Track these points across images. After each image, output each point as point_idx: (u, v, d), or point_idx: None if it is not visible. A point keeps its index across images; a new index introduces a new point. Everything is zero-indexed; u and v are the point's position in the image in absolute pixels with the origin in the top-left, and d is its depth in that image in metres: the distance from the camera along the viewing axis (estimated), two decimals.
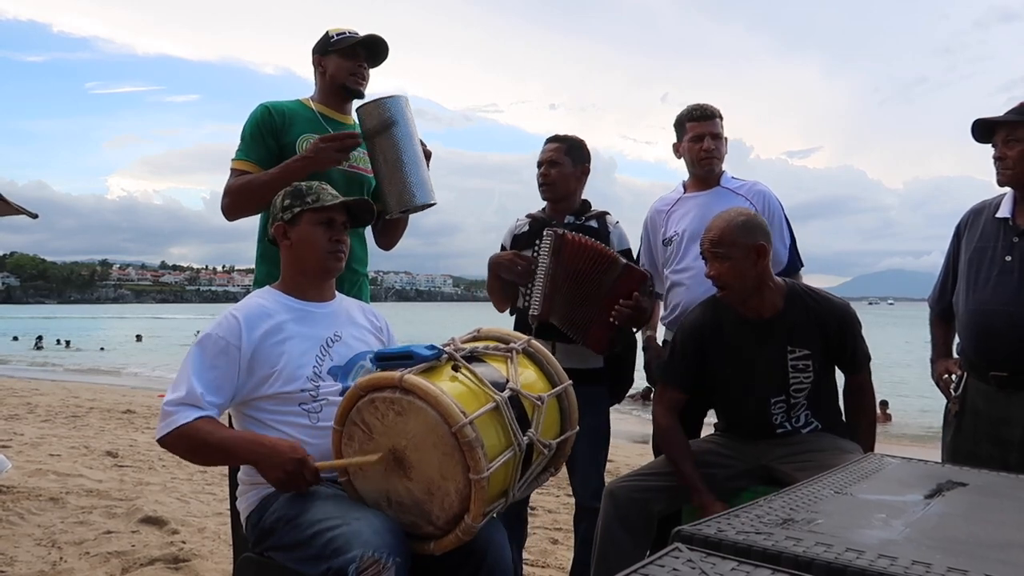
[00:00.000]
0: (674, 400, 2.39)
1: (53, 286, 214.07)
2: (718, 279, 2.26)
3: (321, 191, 2.01)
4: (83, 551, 3.35)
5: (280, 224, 2.00)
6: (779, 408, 2.32)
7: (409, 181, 2.37)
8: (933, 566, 0.86)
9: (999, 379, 2.35)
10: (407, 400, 1.59)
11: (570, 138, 2.82)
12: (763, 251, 2.24)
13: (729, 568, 0.86)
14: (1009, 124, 2.31)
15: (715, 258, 2.25)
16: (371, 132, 2.38)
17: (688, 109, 2.83)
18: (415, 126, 2.43)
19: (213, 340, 1.84)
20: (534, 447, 1.71)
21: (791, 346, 2.28)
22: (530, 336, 1.92)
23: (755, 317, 2.30)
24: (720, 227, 2.25)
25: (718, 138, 2.79)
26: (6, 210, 6.02)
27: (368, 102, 2.41)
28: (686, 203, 2.85)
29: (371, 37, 2.54)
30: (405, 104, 2.40)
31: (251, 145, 2.47)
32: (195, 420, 1.76)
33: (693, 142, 2.78)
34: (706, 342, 2.35)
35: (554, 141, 2.81)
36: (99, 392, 12.52)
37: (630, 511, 2.19)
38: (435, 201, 2.45)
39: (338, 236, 2.00)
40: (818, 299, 2.33)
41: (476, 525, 1.60)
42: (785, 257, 2.80)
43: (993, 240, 2.40)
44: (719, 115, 2.81)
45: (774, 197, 2.83)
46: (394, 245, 2.76)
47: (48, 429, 7.30)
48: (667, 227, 2.86)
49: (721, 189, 2.81)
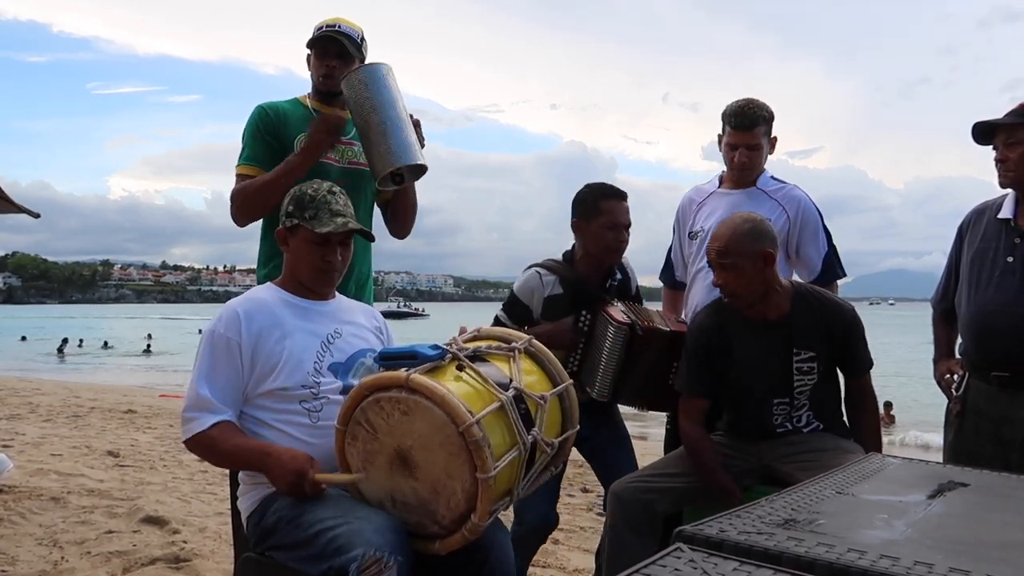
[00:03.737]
0: (700, 409, 2.36)
1: (55, 286, 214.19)
2: (725, 288, 2.25)
3: (320, 207, 1.97)
4: (84, 551, 3.35)
5: (282, 229, 2.02)
6: (781, 409, 2.32)
7: (391, 143, 2.28)
8: (935, 566, 0.86)
9: (1001, 379, 2.34)
10: (413, 400, 1.59)
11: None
12: (770, 258, 2.21)
13: (731, 568, 0.86)
14: (1009, 126, 2.31)
15: (722, 268, 2.23)
16: (351, 101, 2.32)
17: (733, 109, 2.66)
18: (398, 91, 2.34)
19: (218, 338, 1.87)
20: (538, 446, 1.71)
21: (797, 348, 2.28)
22: (531, 337, 1.93)
23: (761, 319, 2.29)
24: (726, 236, 2.22)
25: (756, 149, 2.65)
26: (8, 208, 6.03)
27: (347, 72, 2.36)
28: (717, 199, 2.77)
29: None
30: (386, 71, 2.33)
31: (253, 148, 2.47)
32: (210, 428, 1.82)
33: (728, 148, 2.69)
34: (712, 344, 2.34)
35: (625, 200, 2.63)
36: (100, 392, 12.53)
37: (636, 512, 2.20)
38: (422, 162, 2.34)
39: (330, 256, 1.98)
40: (825, 302, 2.32)
41: (483, 524, 1.60)
42: (818, 265, 2.71)
43: (995, 241, 2.39)
44: (764, 121, 2.65)
45: (810, 203, 2.72)
46: (407, 231, 2.71)
47: (49, 429, 7.31)
48: (695, 221, 2.80)
49: (755, 190, 2.71)
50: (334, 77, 2.47)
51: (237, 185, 2.46)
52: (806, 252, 2.71)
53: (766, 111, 2.66)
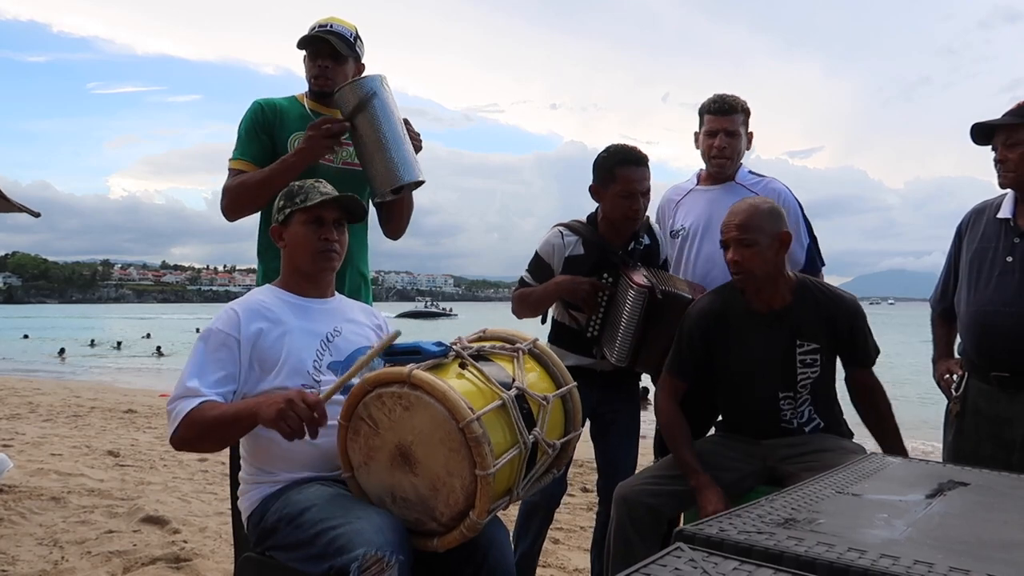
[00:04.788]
0: (676, 388, 2.38)
1: (55, 286, 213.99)
2: (741, 265, 2.20)
3: (311, 190, 1.99)
4: (85, 550, 3.35)
5: (276, 227, 2.02)
6: (787, 404, 2.31)
7: (392, 160, 2.29)
8: (935, 566, 0.86)
9: (1000, 379, 2.34)
10: (415, 395, 1.60)
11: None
12: (787, 240, 2.22)
13: (731, 568, 0.86)
14: (1009, 127, 2.30)
15: (740, 244, 2.19)
16: (349, 115, 2.32)
17: (709, 99, 2.71)
18: (394, 104, 2.35)
19: (214, 333, 1.86)
20: (539, 446, 1.71)
21: (800, 340, 2.27)
22: (535, 338, 1.93)
23: (764, 309, 2.28)
24: (747, 211, 2.21)
25: (734, 135, 2.67)
26: (7, 207, 6.03)
27: (343, 85, 2.36)
28: (696, 196, 2.78)
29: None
30: (381, 83, 2.33)
31: (246, 143, 2.48)
32: (191, 411, 1.74)
33: (707, 136, 2.70)
34: (711, 331, 2.32)
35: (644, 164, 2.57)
36: (100, 391, 12.52)
37: (641, 515, 2.19)
38: (422, 178, 2.36)
39: (327, 235, 1.98)
40: (828, 293, 2.32)
41: (481, 522, 1.60)
42: (802, 258, 2.71)
43: (994, 241, 2.40)
44: (741, 109, 2.68)
45: (791, 196, 2.72)
46: (401, 232, 2.71)
47: (50, 428, 7.30)
48: (675, 219, 2.80)
49: (735, 185, 2.71)
50: (327, 77, 2.48)
51: (230, 180, 2.46)
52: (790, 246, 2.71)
53: (743, 103, 2.70)
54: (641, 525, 2.18)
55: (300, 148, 2.34)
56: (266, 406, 1.68)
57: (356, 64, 2.57)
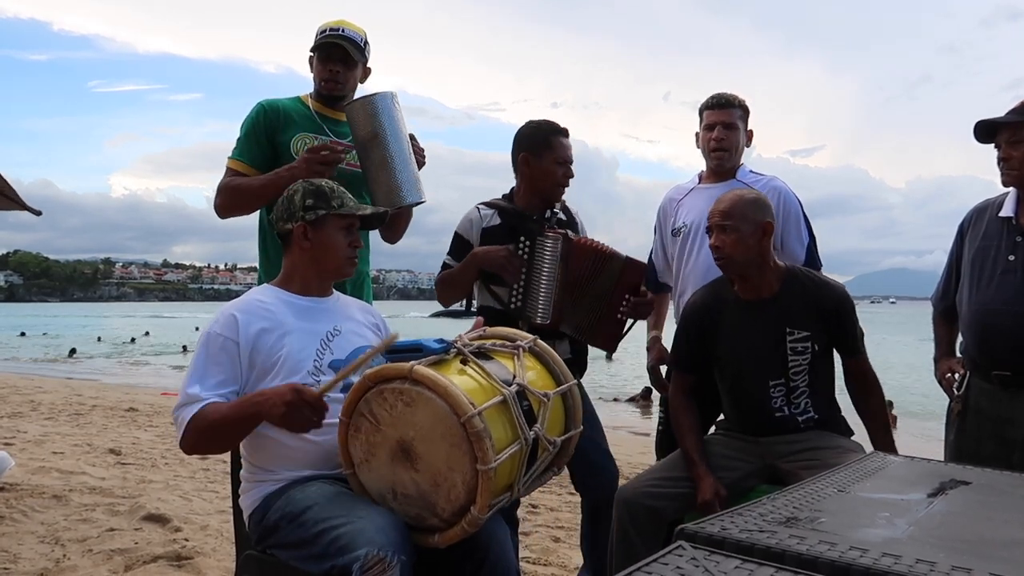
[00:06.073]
0: (682, 381, 2.46)
1: (56, 284, 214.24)
2: (721, 250, 2.27)
3: (344, 196, 2.03)
4: (86, 548, 3.35)
5: (302, 224, 1.97)
6: (779, 392, 2.32)
7: (398, 180, 2.36)
8: (937, 564, 0.86)
9: (1002, 378, 2.34)
10: (416, 391, 1.60)
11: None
12: (769, 229, 2.27)
13: (732, 566, 0.86)
14: (1011, 125, 2.30)
15: (721, 230, 2.27)
16: (358, 130, 2.36)
17: (708, 98, 2.77)
18: (403, 123, 2.39)
19: (213, 338, 1.86)
20: (540, 442, 1.72)
21: (790, 328, 2.29)
22: (536, 337, 1.93)
23: (754, 298, 2.32)
24: (732, 200, 2.28)
25: (732, 128, 2.70)
26: (10, 206, 6.04)
27: (355, 100, 2.39)
28: (697, 194, 2.79)
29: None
30: (392, 101, 2.36)
31: (246, 145, 2.50)
32: (197, 413, 1.77)
33: (706, 131, 2.74)
34: (705, 323, 2.38)
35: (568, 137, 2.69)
36: (102, 390, 12.54)
37: (643, 517, 2.19)
38: (424, 200, 2.44)
39: (356, 242, 2.04)
40: (817, 281, 2.35)
41: (482, 517, 1.60)
42: (802, 256, 2.71)
43: (996, 239, 2.39)
44: (739, 105, 2.72)
45: (792, 194, 2.73)
46: (398, 238, 2.74)
47: (51, 427, 7.31)
48: (676, 217, 2.81)
49: (735, 182, 2.72)
50: (337, 81, 2.50)
51: (226, 179, 2.48)
52: (790, 244, 2.70)
53: (741, 100, 2.75)
54: (642, 528, 2.19)
55: (294, 168, 2.33)
56: (270, 405, 1.71)
57: (363, 68, 2.60)
